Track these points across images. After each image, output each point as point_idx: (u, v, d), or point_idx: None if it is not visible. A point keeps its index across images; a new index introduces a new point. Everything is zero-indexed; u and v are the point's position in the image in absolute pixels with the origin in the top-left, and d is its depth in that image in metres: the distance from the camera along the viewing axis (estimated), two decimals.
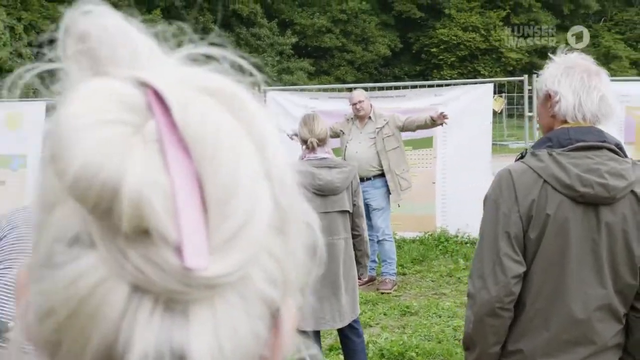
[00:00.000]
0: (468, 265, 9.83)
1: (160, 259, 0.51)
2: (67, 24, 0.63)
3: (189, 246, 0.51)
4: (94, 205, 0.51)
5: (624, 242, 2.75)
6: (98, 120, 0.53)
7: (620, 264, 2.76)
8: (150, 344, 0.51)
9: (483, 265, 2.80)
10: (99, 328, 0.52)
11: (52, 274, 0.54)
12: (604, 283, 2.77)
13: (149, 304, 0.51)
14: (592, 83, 2.80)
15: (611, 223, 2.74)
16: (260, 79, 0.65)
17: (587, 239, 2.75)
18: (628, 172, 2.75)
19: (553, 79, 2.86)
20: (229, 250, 0.53)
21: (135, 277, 0.51)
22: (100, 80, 0.57)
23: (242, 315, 0.54)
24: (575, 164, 2.73)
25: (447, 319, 7.63)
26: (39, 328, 0.56)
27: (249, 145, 0.57)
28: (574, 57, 2.92)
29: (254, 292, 0.55)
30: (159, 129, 0.54)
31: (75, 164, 0.51)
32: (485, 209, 2.89)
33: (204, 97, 0.57)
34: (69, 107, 0.55)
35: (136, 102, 0.55)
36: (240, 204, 0.54)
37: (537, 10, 49.32)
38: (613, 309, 2.80)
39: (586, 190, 2.70)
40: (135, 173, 0.51)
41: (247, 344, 0.55)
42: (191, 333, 0.51)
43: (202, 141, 0.54)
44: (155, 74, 0.58)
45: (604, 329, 2.80)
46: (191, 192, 0.52)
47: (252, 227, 0.54)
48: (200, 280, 0.51)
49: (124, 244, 0.51)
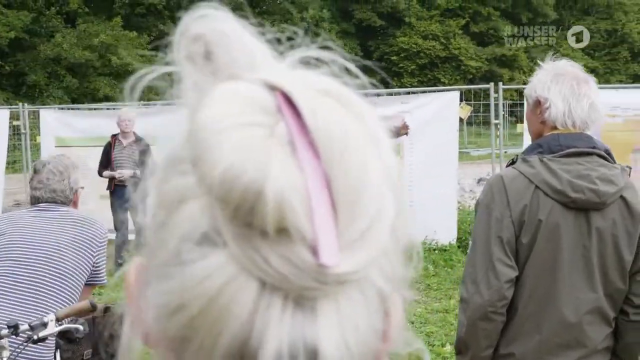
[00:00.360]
0: (437, 271, 9.91)
1: (296, 257, 0.52)
2: (184, 28, 0.64)
3: (324, 244, 0.53)
4: (236, 206, 0.53)
5: (614, 247, 2.79)
6: (237, 123, 0.54)
7: (610, 268, 2.81)
8: (284, 340, 0.52)
9: (476, 269, 2.83)
10: (231, 324, 0.53)
11: (180, 272, 0.55)
12: (594, 287, 2.81)
13: (279, 300, 0.53)
14: (582, 90, 2.85)
15: (601, 228, 2.78)
16: (367, 82, 0.66)
17: (578, 244, 2.79)
18: (617, 177, 2.80)
19: (543, 86, 2.90)
20: (357, 249, 0.54)
21: (269, 274, 0.52)
22: (232, 83, 0.59)
23: (362, 310, 0.56)
24: (566, 170, 2.77)
25: (419, 325, 7.67)
26: (164, 325, 0.57)
27: (372, 149, 0.59)
28: (562, 64, 2.97)
29: (372, 287, 0.57)
30: (290, 131, 0.55)
31: (219, 167, 0.53)
32: (477, 214, 2.92)
33: (326, 99, 0.59)
34: (207, 111, 0.56)
35: (268, 105, 0.57)
36: (368, 205, 0.56)
37: (496, 19, 49.89)
38: (603, 313, 2.84)
39: (577, 195, 2.75)
40: (277, 175, 0.52)
41: (367, 338, 0.56)
42: (321, 328, 0.53)
43: (330, 143, 0.55)
44: (279, 75, 0.59)
45: (594, 333, 2.85)
46: (322, 192, 0.54)
47: (378, 228, 0.56)
48: (332, 277, 0.53)
49: (260, 243, 0.53)
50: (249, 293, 0.53)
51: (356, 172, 0.56)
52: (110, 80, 36.71)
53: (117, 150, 10.72)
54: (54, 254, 3.78)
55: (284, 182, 0.52)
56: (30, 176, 4.08)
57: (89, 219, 4.01)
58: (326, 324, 0.53)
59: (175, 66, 0.64)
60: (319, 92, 0.59)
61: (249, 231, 0.53)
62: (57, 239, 3.83)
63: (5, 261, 3.73)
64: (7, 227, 3.87)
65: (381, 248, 0.56)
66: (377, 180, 0.57)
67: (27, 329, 3.25)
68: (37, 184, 3.97)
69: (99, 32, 36.58)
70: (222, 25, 0.63)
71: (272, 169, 0.53)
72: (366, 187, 0.56)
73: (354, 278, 0.54)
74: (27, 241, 3.80)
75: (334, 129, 0.56)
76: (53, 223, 3.89)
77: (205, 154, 0.54)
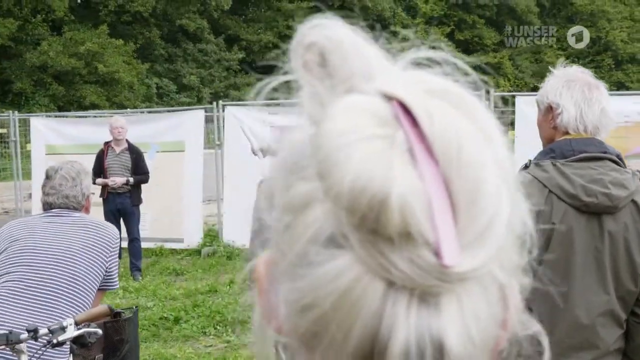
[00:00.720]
0: None
1: (420, 258, 0.56)
2: (299, 37, 0.67)
3: (445, 246, 0.57)
4: (362, 215, 0.57)
5: (626, 250, 2.84)
6: (359, 138, 0.58)
7: (622, 271, 2.86)
8: (412, 333, 0.56)
9: None
10: (360, 320, 0.57)
11: (310, 272, 0.59)
12: (607, 289, 2.86)
13: (405, 297, 0.57)
14: (593, 95, 2.90)
15: (613, 232, 2.83)
16: (478, 79, 0.70)
17: (591, 247, 2.84)
18: (629, 182, 2.85)
19: (555, 92, 2.95)
20: (477, 248, 0.58)
21: (394, 274, 0.56)
22: (352, 97, 0.62)
23: (483, 302, 0.59)
24: (579, 175, 2.82)
25: None
26: (296, 321, 0.61)
27: (485, 147, 0.62)
28: (573, 70, 3.02)
29: (491, 280, 0.61)
30: (408, 139, 0.59)
31: (345, 181, 0.57)
32: None
33: (440, 102, 0.62)
34: (330, 125, 0.60)
35: (386, 116, 0.60)
36: (486, 204, 0.59)
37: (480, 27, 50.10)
38: (615, 315, 2.89)
39: (590, 199, 2.79)
40: (399, 184, 0.56)
41: (488, 328, 0.60)
42: (445, 322, 0.57)
43: (447, 147, 0.59)
44: (394, 83, 0.63)
45: (606, 334, 2.89)
46: (441, 196, 0.58)
47: (496, 225, 0.60)
48: (454, 276, 0.57)
49: (385, 247, 0.56)
50: (375, 292, 0.56)
51: (473, 173, 0.59)
52: (97, 88, 36.59)
53: (110, 157, 10.73)
54: (68, 259, 3.81)
55: (405, 190, 0.56)
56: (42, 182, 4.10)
57: (102, 224, 4.03)
58: (450, 317, 0.57)
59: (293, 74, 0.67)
60: (432, 95, 0.62)
61: (374, 237, 0.57)
62: (70, 244, 3.86)
63: (19, 266, 3.75)
64: (21, 233, 3.89)
65: (499, 244, 0.60)
66: (493, 178, 0.61)
67: (46, 333, 3.28)
68: (50, 190, 4.00)
69: (85, 40, 36.43)
70: (335, 33, 0.67)
71: (394, 178, 0.56)
72: (483, 187, 0.59)
73: (474, 275, 0.58)
74: (41, 246, 3.83)
75: (449, 133, 0.59)
76: (67, 228, 3.92)
77: (331, 168, 0.58)
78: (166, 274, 11.31)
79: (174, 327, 8.38)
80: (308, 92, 0.65)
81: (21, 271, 3.74)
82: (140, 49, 40.26)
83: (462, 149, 0.59)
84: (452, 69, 0.68)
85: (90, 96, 35.61)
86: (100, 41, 36.79)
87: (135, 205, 10.87)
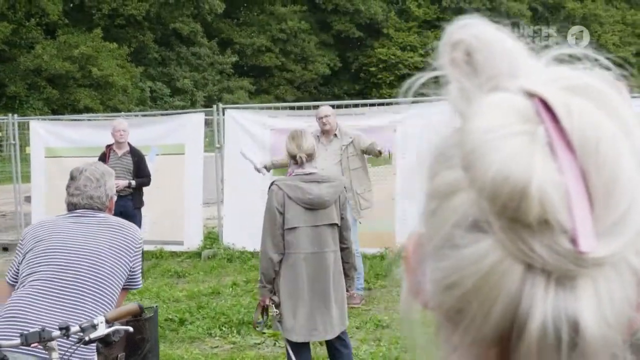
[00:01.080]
0: None
1: (557, 244, 0.62)
2: (446, 36, 0.74)
3: (582, 233, 0.62)
4: (504, 204, 0.62)
5: None
6: (504, 134, 0.63)
7: None
8: (549, 313, 0.62)
9: None
10: (500, 299, 0.63)
11: (454, 254, 0.65)
12: None
13: (542, 280, 0.62)
14: None
15: None
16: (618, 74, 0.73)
17: None
18: None
19: None
20: (613, 236, 0.63)
21: (532, 258, 0.62)
22: (497, 95, 0.68)
23: (617, 285, 0.64)
24: None
25: None
26: (441, 298, 0.68)
27: (622, 138, 0.66)
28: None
29: (626, 265, 0.65)
30: (548, 134, 0.64)
31: (490, 173, 0.62)
32: None
33: (579, 97, 0.67)
34: (477, 122, 0.65)
35: (528, 112, 0.65)
36: (622, 195, 0.64)
37: None
38: None
39: None
40: (539, 176, 0.62)
41: (622, 309, 0.64)
42: (581, 304, 0.62)
43: (585, 141, 0.64)
44: (536, 80, 0.68)
45: None
46: (579, 187, 0.63)
47: (632, 215, 0.64)
48: (590, 262, 0.62)
49: (523, 233, 0.62)
50: (515, 273, 0.62)
51: (610, 166, 0.63)
52: (91, 91, 36.58)
53: (112, 160, 10.71)
54: (94, 259, 3.86)
55: (545, 181, 0.61)
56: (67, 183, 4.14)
57: (126, 224, 4.08)
58: (585, 299, 0.62)
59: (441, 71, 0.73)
60: (572, 91, 0.67)
61: (514, 224, 0.62)
62: (96, 244, 3.91)
63: (47, 265, 3.79)
64: (46, 233, 3.94)
65: (635, 233, 0.64)
66: (630, 170, 0.64)
67: (77, 330, 3.31)
68: (75, 191, 4.04)
69: (79, 44, 36.44)
70: (482, 32, 0.72)
71: (534, 171, 0.62)
72: (620, 179, 0.63)
73: (610, 261, 0.63)
74: (68, 246, 3.87)
75: (588, 127, 0.64)
76: (92, 229, 3.97)
77: (476, 162, 0.63)
78: (168, 277, 11.30)
79: (179, 329, 8.39)
80: (455, 88, 0.71)
81: (49, 270, 3.78)
82: (133, 52, 40.27)
83: (599, 143, 0.63)
84: (593, 65, 0.72)
85: (84, 99, 35.61)
86: (94, 45, 36.78)
87: (137, 208, 10.85)
